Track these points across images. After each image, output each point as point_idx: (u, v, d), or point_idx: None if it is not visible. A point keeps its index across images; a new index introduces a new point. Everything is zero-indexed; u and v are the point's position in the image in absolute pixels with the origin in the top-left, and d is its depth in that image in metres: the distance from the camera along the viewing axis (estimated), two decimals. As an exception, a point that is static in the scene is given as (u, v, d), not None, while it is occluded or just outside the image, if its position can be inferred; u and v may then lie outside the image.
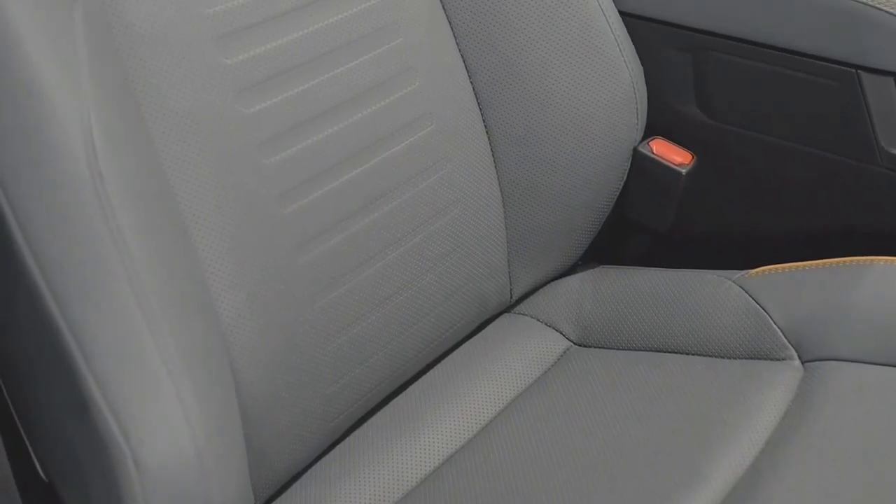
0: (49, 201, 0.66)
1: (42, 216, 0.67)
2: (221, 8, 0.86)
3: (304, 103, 0.91)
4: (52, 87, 0.67)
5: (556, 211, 1.10)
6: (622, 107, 1.09)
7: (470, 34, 1.05)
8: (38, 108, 0.67)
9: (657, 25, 1.15)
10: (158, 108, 0.81)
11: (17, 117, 0.67)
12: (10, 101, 0.67)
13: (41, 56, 0.68)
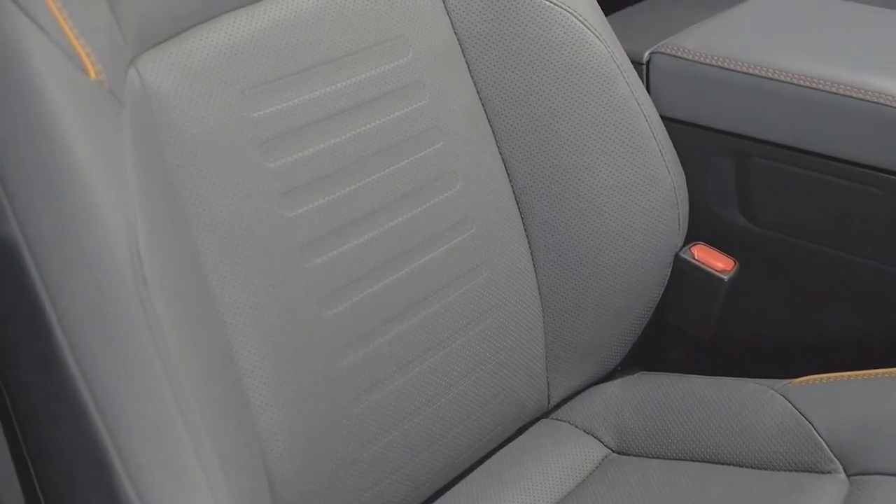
0: (91, 303, 0.68)
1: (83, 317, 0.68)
2: (266, 112, 0.89)
3: (346, 207, 0.92)
4: (98, 190, 0.69)
5: (595, 316, 1.11)
6: (664, 212, 1.11)
7: (511, 137, 1.07)
8: (83, 211, 0.69)
9: (700, 131, 1.17)
10: (201, 211, 0.83)
11: (63, 218, 0.69)
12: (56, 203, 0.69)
13: (88, 159, 0.70)
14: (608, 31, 1.09)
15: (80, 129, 0.70)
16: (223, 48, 0.87)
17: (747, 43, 1.18)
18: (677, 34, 1.22)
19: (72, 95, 0.70)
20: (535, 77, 1.05)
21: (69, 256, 0.69)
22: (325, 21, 0.94)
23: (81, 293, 0.68)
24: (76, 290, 0.68)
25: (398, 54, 0.99)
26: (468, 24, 1.05)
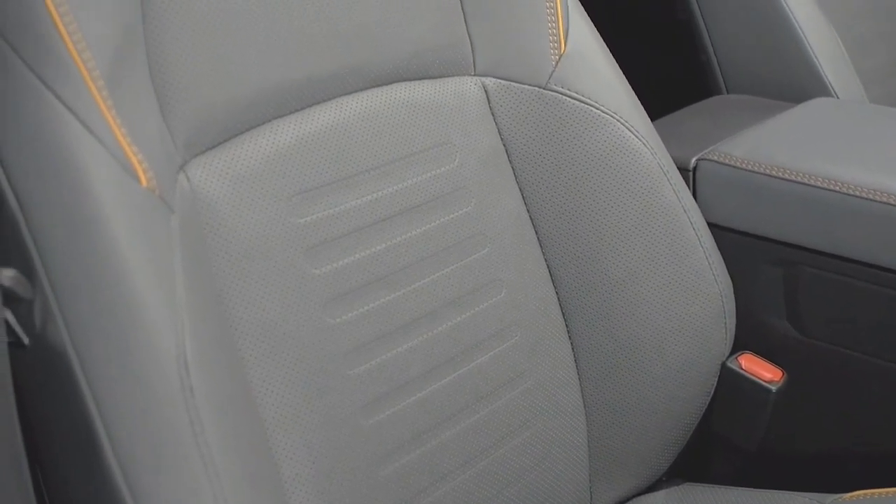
0: (137, 411, 0.69)
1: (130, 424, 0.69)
2: (312, 218, 0.91)
3: (390, 314, 0.94)
4: (147, 298, 0.71)
5: (639, 425, 1.11)
6: (710, 321, 1.11)
7: (556, 243, 1.08)
8: (132, 318, 0.71)
9: (747, 239, 1.17)
10: (247, 317, 0.85)
11: (111, 325, 0.71)
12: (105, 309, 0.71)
13: (138, 267, 0.72)
14: (654, 137, 1.11)
15: (131, 237, 0.72)
16: (271, 154, 0.89)
17: (795, 151, 1.19)
18: (724, 141, 1.23)
19: (124, 203, 0.73)
20: (580, 183, 1.07)
21: (117, 363, 0.70)
22: (371, 128, 0.96)
23: (128, 400, 0.69)
24: (122, 396, 0.69)
25: (444, 160, 1.01)
26: (514, 129, 1.07)
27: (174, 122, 0.83)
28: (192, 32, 0.84)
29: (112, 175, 0.73)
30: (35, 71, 0.72)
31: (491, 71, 1.06)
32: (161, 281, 0.73)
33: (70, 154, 0.72)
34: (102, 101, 0.74)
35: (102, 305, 0.71)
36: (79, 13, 0.73)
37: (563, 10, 1.08)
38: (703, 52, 1.58)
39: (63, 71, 0.73)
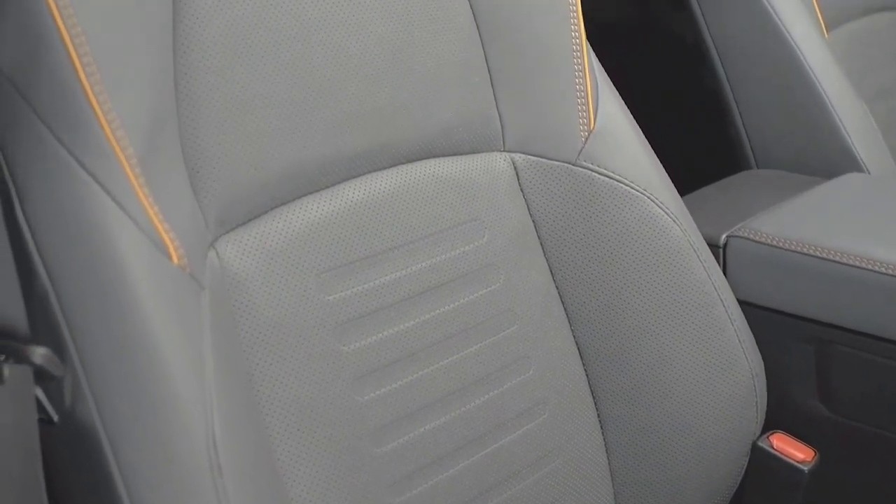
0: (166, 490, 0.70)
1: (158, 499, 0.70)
2: (341, 296, 0.92)
3: (417, 392, 0.94)
4: (177, 377, 0.72)
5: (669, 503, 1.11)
6: (741, 400, 1.11)
7: (585, 320, 1.09)
8: (161, 397, 0.72)
9: (778, 316, 1.18)
10: (275, 394, 0.85)
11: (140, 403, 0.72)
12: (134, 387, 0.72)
13: (168, 345, 0.73)
14: (684, 213, 1.12)
15: (162, 316, 0.73)
16: (300, 231, 0.91)
17: (826, 227, 1.20)
18: (754, 217, 1.24)
19: (155, 281, 0.74)
20: (610, 260, 1.08)
21: (145, 440, 0.71)
22: (400, 204, 0.98)
23: (156, 479, 0.70)
24: (151, 474, 0.70)
25: (473, 237, 1.02)
26: (543, 205, 1.08)
27: (205, 198, 0.84)
28: (225, 111, 0.85)
29: (144, 253, 0.74)
30: (69, 148, 0.74)
31: (520, 147, 1.08)
32: (191, 360, 0.74)
33: (102, 232, 0.74)
34: (135, 179, 0.75)
35: (132, 384, 0.72)
36: (114, 92, 0.75)
37: (592, 87, 1.10)
38: (733, 125, 1.59)
39: (97, 149, 0.74)
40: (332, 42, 0.93)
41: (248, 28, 0.87)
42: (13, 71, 0.74)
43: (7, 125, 0.75)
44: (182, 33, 0.84)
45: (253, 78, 0.87)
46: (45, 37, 0.73)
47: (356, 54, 0.94)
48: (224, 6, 0.86)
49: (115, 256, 0.73)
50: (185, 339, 0.74)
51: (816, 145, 1.50)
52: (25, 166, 0.74)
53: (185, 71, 0.84)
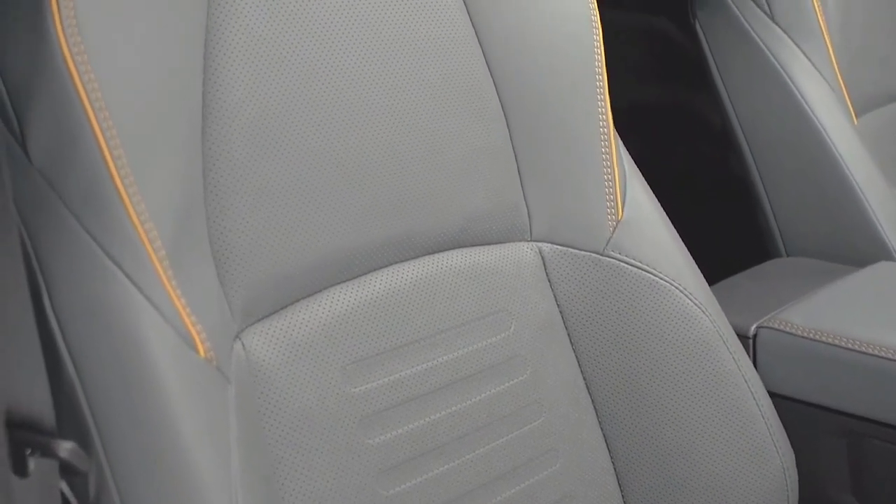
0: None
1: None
2: (366, 388, 0.92)
3: (442, 486, 0.95)
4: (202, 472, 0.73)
5: None
6: (772, 493, 1.10)
7: (612, 411, 1.09)
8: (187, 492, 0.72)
9: (810, 409, 1.18)
10: (299, 487, 0.86)
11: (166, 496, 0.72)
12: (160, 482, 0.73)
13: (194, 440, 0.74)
14: (713, 303, 1.12)
15: (188, 410, 0.74)
16: (326, 323, 0.92)
17: (858, 318, 1.20)
18: (784, 308, 1.25)
19: (182, 374, 0.75)
20: (638, 351, 1.08)
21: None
22: (426, 295, 0.99)
23: None
24: None
25: (499, 328, 1.03)
26: (571, 296, 1.09)
27: (232, 289, 0.86)
28: (252, 202, 0.87)
29: (171, 345, 0.76)
30: (97, 239, 0.75)
31: (547, 236, 1.09)
32: (218, 453, 0.75)
33: (129, 323, 0.75)
34: (163, 271, 0.77)
35: (158, 478, 0.72)
36: (143, 184, 0.77)
37: (620, 175, 1.11)
38: (762, 212, 1.61)
39: (125, 241, 0.76)
40: (361, 131, 0.95)
41: (276, 119, 0.89)
42: (44, 163, 0.76)
43: (36, 215, 0.76)
44: (210, 127, 0.86)
45: (280, 168, 0.89)
46: (76, 129, 0.75)
47: (385, 143, 0.96)
48: (252, 99, 0.88)
49: (141, 349, 0.75)
50: (212, 432, 0.75)
51: (847, 233, 1.51)
52: (54, 257, 0.76)
53: (213, 163, 0.86)
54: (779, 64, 1.55)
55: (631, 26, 2.09)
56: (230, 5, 0.88)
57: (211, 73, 0.86)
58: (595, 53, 1.11)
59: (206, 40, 0.86)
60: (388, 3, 0.98)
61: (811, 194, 1.54)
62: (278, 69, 0.90)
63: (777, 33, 1.56)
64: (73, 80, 0.75)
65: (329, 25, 0.94)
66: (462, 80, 1.03)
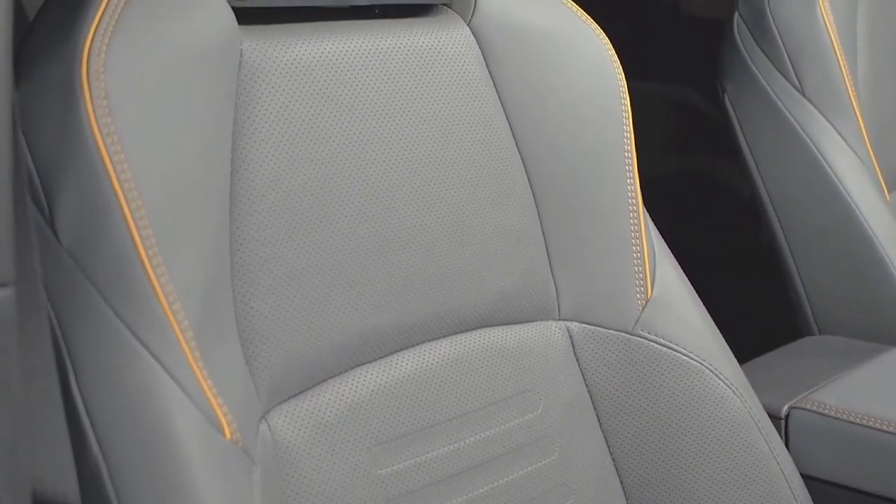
0: None
1: None
2: (392, 469, 0.93)
3: None
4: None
5: None
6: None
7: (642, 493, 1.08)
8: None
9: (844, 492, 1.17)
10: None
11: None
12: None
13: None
14: (744, 383, 1.12)
15: (213, 493, 0.75)
16: (354, 403, 0.92)
17: (892, 399, 1.20)
18: (817, 388, 1.25)
19: (208, 456, 0.76)
20: (667, 431, 1.08)
21: None
22: (454, 375, 0.99)
23: None
24: None
25: (527, 408, 1.04)
26: (599, 375, 1.09)
27: (258, 369, 0.86)
28: (279, 282, 0.88)
29: (196, 427, 0.76)
30: (124, 319, 0.76)
31: (576, 315, 1.10)
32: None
33: (155, 404, 0.76)
34: (190, 353, 0.78)
35: None
36: (171, 265, 0.78)
37: (649, 252, 1.12)
38: (792, 287, 1.61)
39: (153, 322, 0.77)
40: (390, 210, 0.96)
41: (304, 199, 0.90)
42: (72, 242, 0.77)
43: (63, 294, 0.77)
44: (238, 207, 0.87)
45: (308, 249, 0.90)
46: (105, 209, 0.76)
47: (413, 223, 0.97)
48: (280, 179, 0.89)
49: (167, 430, 0.75)
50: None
51: (880, 311, 1.51)
52: (80, 336, 0.77)
53: (241, 243, 0.87)
54: (808, 138, 1.56)
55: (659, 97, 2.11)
56: (259, 86, 0.90)
57: (239, 152, 0.87)
58: (624, 128, 1.12)
59: (235, 119, 0.88)
60: (415, 81, 1.00)
61: (843, 271, 1.54)
62: (306, 149, 0.91)
63: (806, 106, 1.57)
64: (103, 159, 0.76)
65: (357, 105, 0.95)
66: (490, 157, 1.04)
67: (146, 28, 0.82)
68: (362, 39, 0.97)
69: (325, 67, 0.94)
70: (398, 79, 0.99)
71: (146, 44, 0.81)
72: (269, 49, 0.91)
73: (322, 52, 0.94)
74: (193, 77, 0.83)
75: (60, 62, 0.79)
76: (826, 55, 1.57)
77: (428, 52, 1.01)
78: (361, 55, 0.96)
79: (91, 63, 0.78)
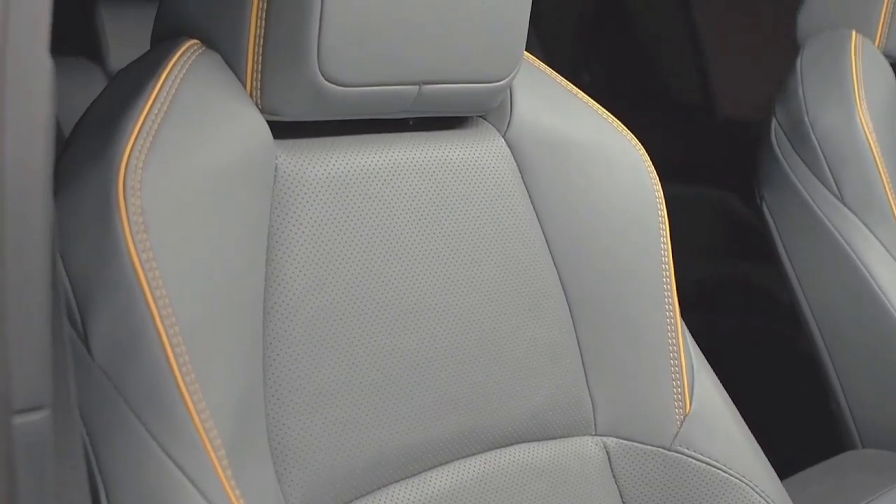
0: None
1: None
2: None
3: None
4: None
5: None
6: None
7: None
8: None
9: None
10: None
11: None
12: None
13: None
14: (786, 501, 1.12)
15: None
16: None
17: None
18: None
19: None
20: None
21: None
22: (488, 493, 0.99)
23: None
24: None
25: None
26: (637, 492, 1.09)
27: (290, 488, 0.87)
28: (312, 400, 0.89)
29: None
30: (157, 439, 0.77)
31: (612, 430, 1.10)
32: None
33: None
34: (222, 472, 0.78)
35: None
36: (205, 384, 0.79)
37: (687, 367, 1.12)
38: (834, 399, 1.60)
39: (185, 440, 0.77)
40: (423, 327, 0.97)
41: (337, 317, 0.91)
42: (106, 359, 0.78)
43: (96, 411, 0.78)
44: (271, 323, 0.88)
45: (341, 367, 0.91)
46: (139, 325, 0.78)
47: (447, 339, 0.98)
48: (314, 294, 0.90)
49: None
50: None
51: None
52: (112, 453, 0.78)
53: (274, 359, 0.88)
54: (850, 247, 1.56)
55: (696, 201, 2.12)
56: (294, 200, 0.91)
57: (273, 268, 0.89)
58: (661, 240, 1.13)
59: (269, 234, 0.89)
60: (450, 194, 1.01)
61: (887, 383, 1.53)
62: (340, 266, 0.93)
63: (847, 215, 1.58)
64: (138, 275, 0.78)
65: (391, 219, 0.97)
66: (525, 269, 1.05)
67: (183, 144, 0.84)
68: (397, 152, 0.99)
69: (359, 181, 0.96)
70: (432, 192, 1.00)
71: (183, 160, 0.83)
72: (303, 163, 0.93)
73: (356, 166, 0.96)
74: (229, 192, 0.85)
75: (97, 178, 0.81)
76: (866, 163, 1.58)
77: (463, 164, 1.03)
78: (396, 168, 0.98)
79: (128, 179, 0.80)
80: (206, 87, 0.88)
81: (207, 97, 0.88)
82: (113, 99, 0.88)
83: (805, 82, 1.63)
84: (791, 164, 1.62)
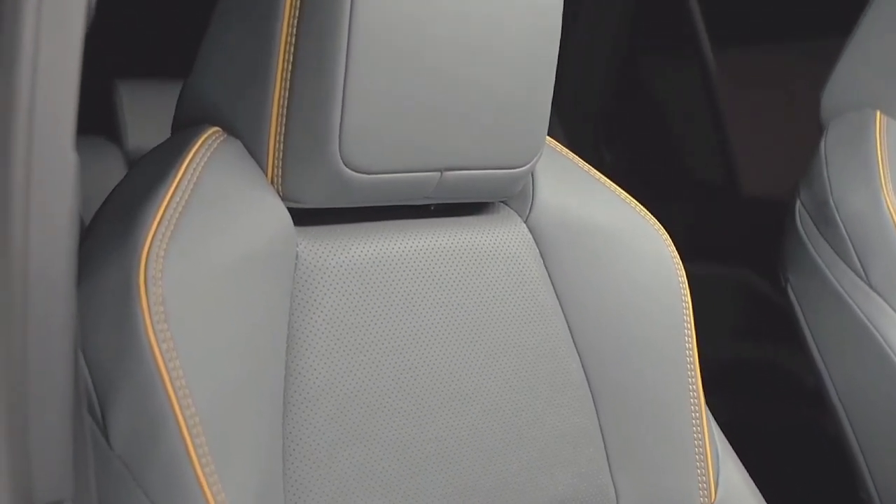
0: None
1: None
2: None
3: None
4: None
5: None
6: None
7: None
8: None
9: None
10: None
11: None
12: None
13: None
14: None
15: None
16: None
17: None
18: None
19: None
20: None
21: None
22: None
23: None
24: None
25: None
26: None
27: None
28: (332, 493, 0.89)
29: None
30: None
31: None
32: None
33: None
34: None
35: None
36: (224, 473, 0.80)
37: (712, 454, 1.12)
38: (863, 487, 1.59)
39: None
40: (444, 417, 0.97)
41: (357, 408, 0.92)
42: (125, 449, 0.79)
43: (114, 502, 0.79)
44: (291, 415, 0.89)
45: (361, 458, 0.91)
46: (159, 416, 0.78)
47: (469, 429, 0.98)
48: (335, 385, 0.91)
49: None
50: None
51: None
52: None
53: (292, 452, 0.88)
54: (876, 330, 1.56)
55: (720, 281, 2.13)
56: (315, 288, 0.92)
57: (293, 359, 0.90)
58: (685, 325, 1.13)
59: (290, 322, 0.90)
60: (471, 280, 1.02)
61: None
62: (360, 356, 0.93)
63: (874, 299, 1.57)
64: (158, 366, 0.79)
65: (412, 306, 0.98)
66: (547, 356, 1.06)
67: (204, 233, 0.85)
68: (418, 239, 1.00)
69: (380, 268, 0.96)
70: (454, 278, 1.01)
71: (204, 249, 0.84)
72: (324, 250, 0.94)
73: (378, 253, 0.97)
74: (251, 281, 0.86)
75: (118, 267, 0.82)
76: (893, 245, 1.58)
77: (484, 250, 1.04)
78: (417, 255, 0.99)
79: (149, 269, 0.81)
80: (227, 175, 0.90)
81: (229, 186, 0.89)
82: (135, 186, 0.90)
83: (829, 163, 1.64)
84: (816, 246, 1.63)
